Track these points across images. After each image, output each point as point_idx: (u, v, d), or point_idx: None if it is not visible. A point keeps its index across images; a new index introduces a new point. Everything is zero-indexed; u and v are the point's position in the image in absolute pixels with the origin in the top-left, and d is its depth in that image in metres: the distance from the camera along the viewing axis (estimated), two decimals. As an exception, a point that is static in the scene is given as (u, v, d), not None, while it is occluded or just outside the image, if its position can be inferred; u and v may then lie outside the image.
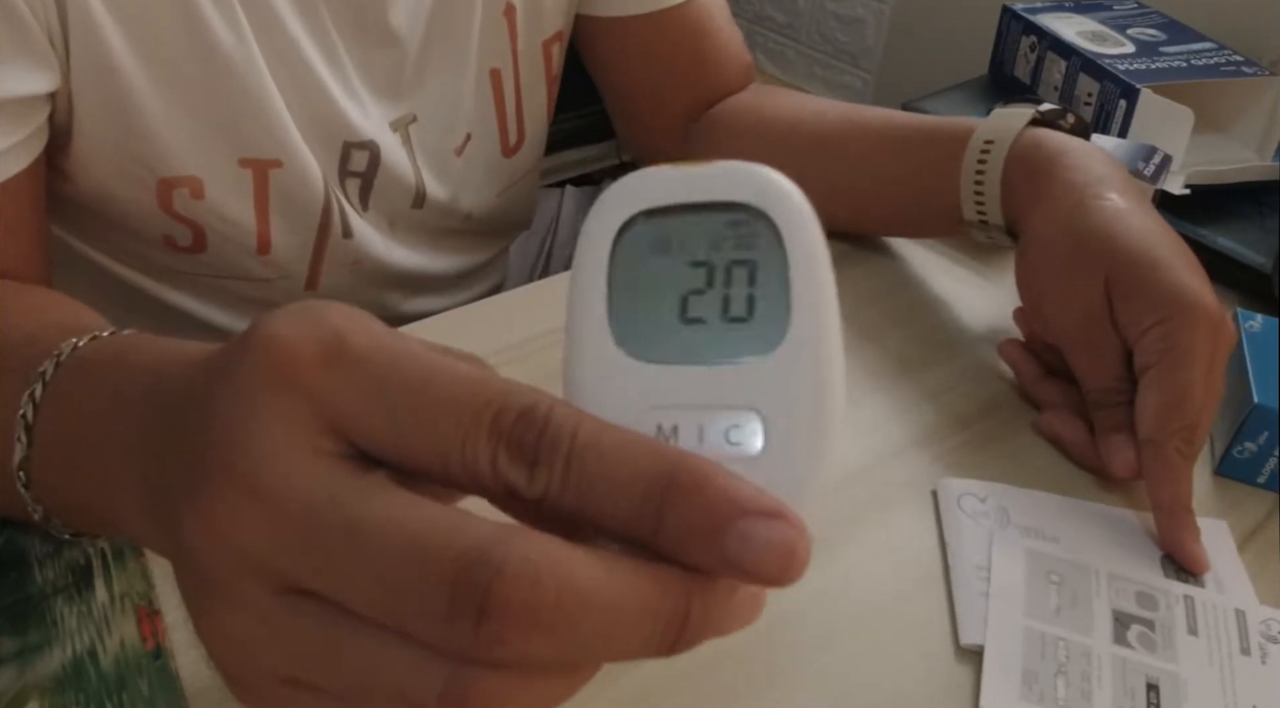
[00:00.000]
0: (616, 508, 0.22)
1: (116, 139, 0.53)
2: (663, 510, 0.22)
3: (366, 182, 0.63)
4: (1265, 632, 0.44)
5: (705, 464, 0.22)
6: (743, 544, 0.21)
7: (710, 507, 0.22)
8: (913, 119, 0.66)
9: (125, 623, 0.41)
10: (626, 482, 0.22)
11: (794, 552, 0.22)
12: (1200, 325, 0.48)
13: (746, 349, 0.25)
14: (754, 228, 0.26)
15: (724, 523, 0.22)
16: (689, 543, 0.22)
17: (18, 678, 0.39)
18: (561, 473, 0.22)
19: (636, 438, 0.23)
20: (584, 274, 0.26)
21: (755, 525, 0.22)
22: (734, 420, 0.25)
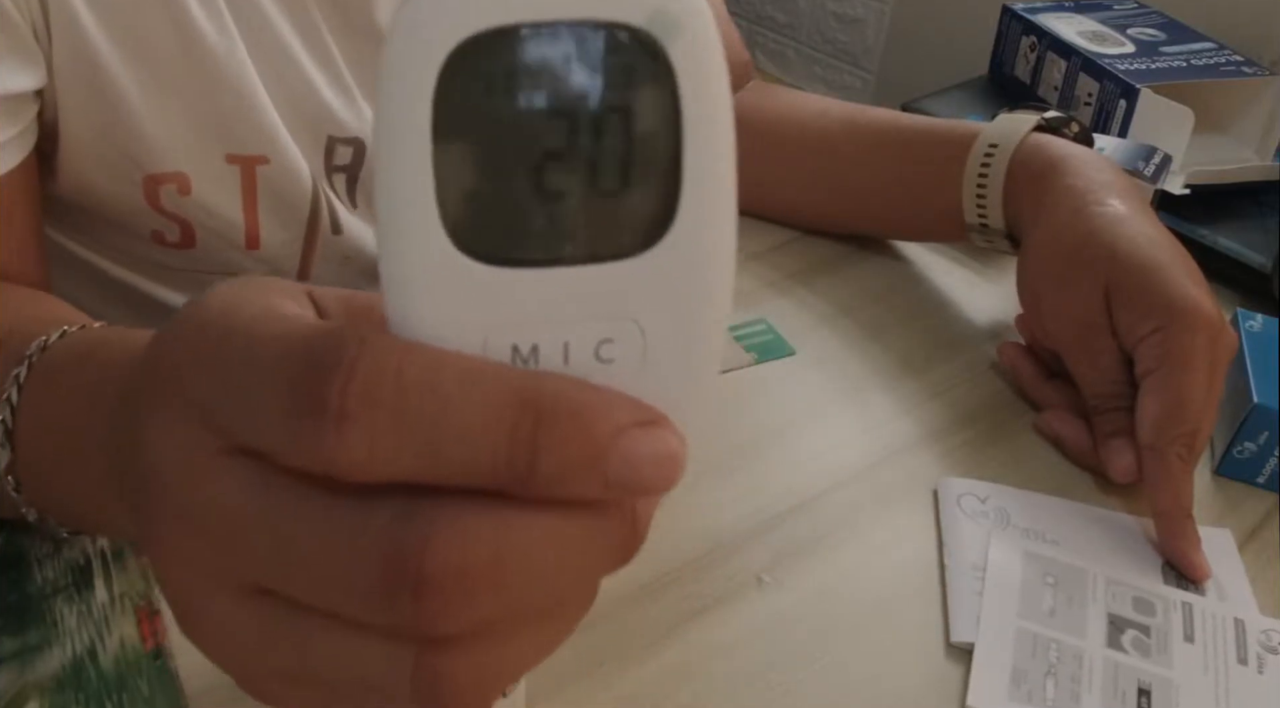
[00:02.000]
0: (475, 458, 0.19)
1: (102, 135, 0.53)
2: (535, 451, 0.19)
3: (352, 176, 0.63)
4: (1264, 642, 0.44)
5: (572, 385, 0.19)
6: (625, 466, 0.19)
7: (587, 434, 0.19)
8: (916, 121, 0.66)
9: (125, 623, 0.41)
10: (483, 425, 0.19)
11: (675, 460, 0.20)
12: (1199, 332, 0.48)
13: (621, 238, 0.19)
14: (637, 58, 0.18)
15: (604, 449, 0.19)
16: (569, 480, 0.19)
17: (18, 678, 0.39)
18: (389, 426, 0.19)
19: (486, 367, 0.19)
20: (397, 131, 0.18)
21: (636, 442, 0.19)
22: (605, 333, 0.20)
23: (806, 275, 0.66)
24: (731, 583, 0.46)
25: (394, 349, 0.19)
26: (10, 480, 0.35)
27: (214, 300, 0.23)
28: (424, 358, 0.19)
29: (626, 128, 0.19)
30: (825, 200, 0.69)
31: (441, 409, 0.19)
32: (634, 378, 0.20)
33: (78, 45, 0.50)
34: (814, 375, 0.58)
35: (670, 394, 0.20)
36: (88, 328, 0.36)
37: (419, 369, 0.19)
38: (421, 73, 0.18)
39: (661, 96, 0.18)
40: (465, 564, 0.19)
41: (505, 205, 0.19)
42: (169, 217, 0.58)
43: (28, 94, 0.50)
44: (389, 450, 0.19)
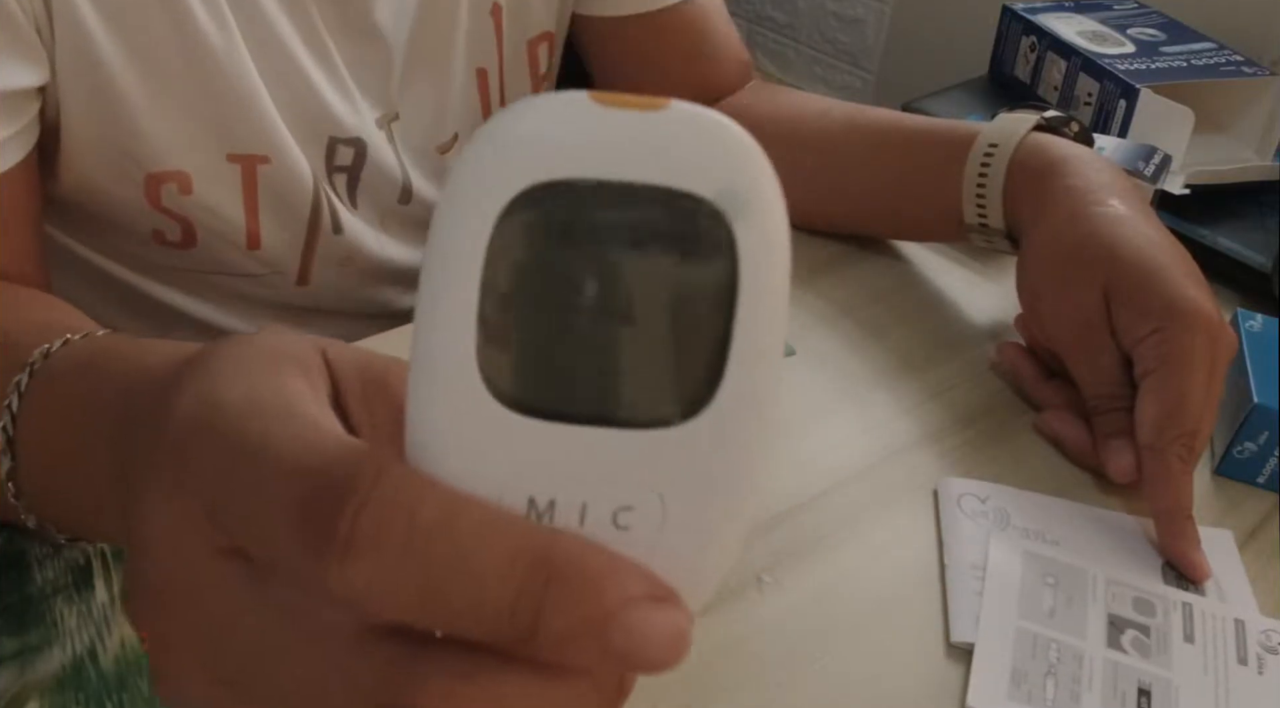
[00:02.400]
0: (480, 609, 0.18)
1: (103, 134, 0.53)
2: (541, 610, 0.18)
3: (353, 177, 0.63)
4: (1264, 643, 0.44)
5: (588, 549, 0.19)
6: (629, 639, 0.19)
7: (595, 600, 0.18)
8: (916, 121, 0.66)
9: (125, 623, 0.41)
10: (493, 575, 0.18)
11: (681, 640, 0.19)
12: (1198, 333, 0.48)
13: (658, 405, 0.19)
14: (701, 226, 0.18)
15: (610, 617, 0.18)
16: (570, 645, 0.19)
17: (18, 678, 0.39)
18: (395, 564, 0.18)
19: (502, 518, 0.19)
20: (448, 264, 0.18)
21: (642, 616, 0.19)
22: (626, 500, 0.19)
23: (806, 275, 0.66)
24: (731, 583, 0.45)
25: (411, 486, 0.19)
26: (10, 487, 0.35)
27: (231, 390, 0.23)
28: (440, 499, 0.19)
29: (678, 298, 0.18)
30: (825, 200, 0.69)
31: (452, 554, 0.18)
32: (648, 549, 0.20)
33: (80, 43, 0.50)
34: (814, 375, 0.58)
35: (682, 572, 0.20)
36: (90, 336, 0.36)
37: (434, 510, 0.19)
38: (479, 217, 0.18)
39: (719, 271, 0.18)
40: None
41: (545, 358, 0.18)
42: (170, 216, 0.58)
43: (30, 91, 0.50)
44: (392, 587, 0.18)
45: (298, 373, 0.24)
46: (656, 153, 0.18)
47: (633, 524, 0.19)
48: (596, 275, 0.18)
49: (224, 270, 0.62)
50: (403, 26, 0.61)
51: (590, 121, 0.18)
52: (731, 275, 0.18)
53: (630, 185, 0.18)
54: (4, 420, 0.35)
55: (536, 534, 0.19)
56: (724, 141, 0.18)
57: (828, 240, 0.69)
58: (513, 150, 0.18)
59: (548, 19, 0.69)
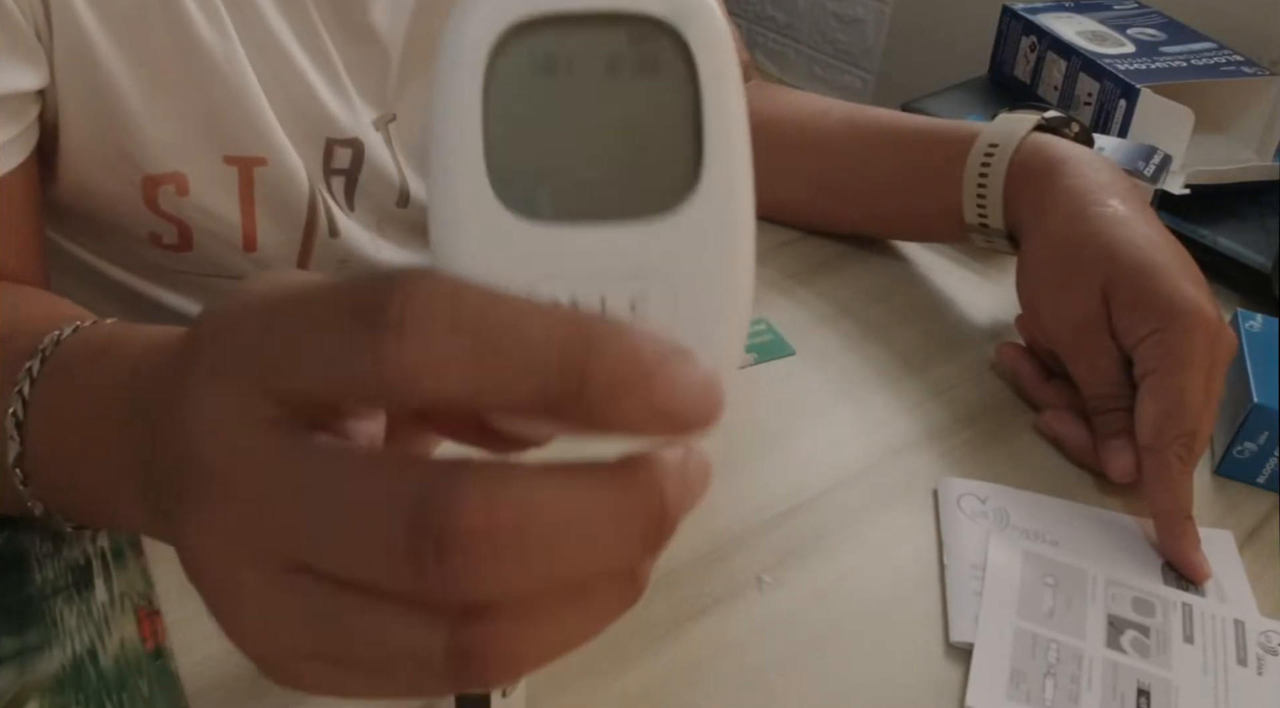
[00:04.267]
0: (527, 376, 0.19)
1: (101, 135, 0.53)
2: (585, 369, 0.19)
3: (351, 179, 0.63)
4: (1264, 643, 0.44)
5: (619, 322, 0.20)
6: (672, 390, 0.19)
7: (634, 355, 0.19)
8: (916, 121, 0.66)
9: (125, 623, 0.41)
10: (537, 341, 0.19)
11: (716, 391, 0.20)
12: (1197, 333, 0.48)
13: (651, 201, 0.21)
14: (659, 45, 0.21)
15: (652, 370, 0.19)
16: (619, 400, 0.19)
17: (18, 678, 0.39)
18: (445, 338, 0.19)
19: (539, 302, 0.20)
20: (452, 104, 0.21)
21: (681, 369, 0.20)
22: (639, 290, 0.21)
23: (806, 275, 0.66)
24: (731, 583, 0.46)
25: (451, 279, 0.20)
26: (18, 473, 0.35)
27: (253, 283, 0.24)
28: (481, 288, 0.20)
29: (653, 101, 0.21)
30: (825, 200, 0.69)
31: (496, 327, 0.20)
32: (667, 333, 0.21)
33: (78, 44, 0.50)
34: (814, 375, 0.58)
35: (701, 347, 0.21)
36: (100, 324, 0.36)
37: (476, 295, 0.20)
38: (474, 52, 0.20)
39: (682, 74, 0.21)
40: (489, 526, 0.19)
41: (546, 168, 0.21)
42: (167, 218, 0.58)
43: (30, 94, 0.50)
44: (444, 363, 0.19)
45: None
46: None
47: (649, 312, 0.22)
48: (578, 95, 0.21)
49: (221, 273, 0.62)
50: (399, 28, 0.61)
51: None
52: (692, 74, 0.21)
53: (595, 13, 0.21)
54: (14, 405, 0.35)
55: (570, 312, 0.20)
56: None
57: (828, 240, 0.69)
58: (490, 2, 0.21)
59: None
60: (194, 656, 0.40)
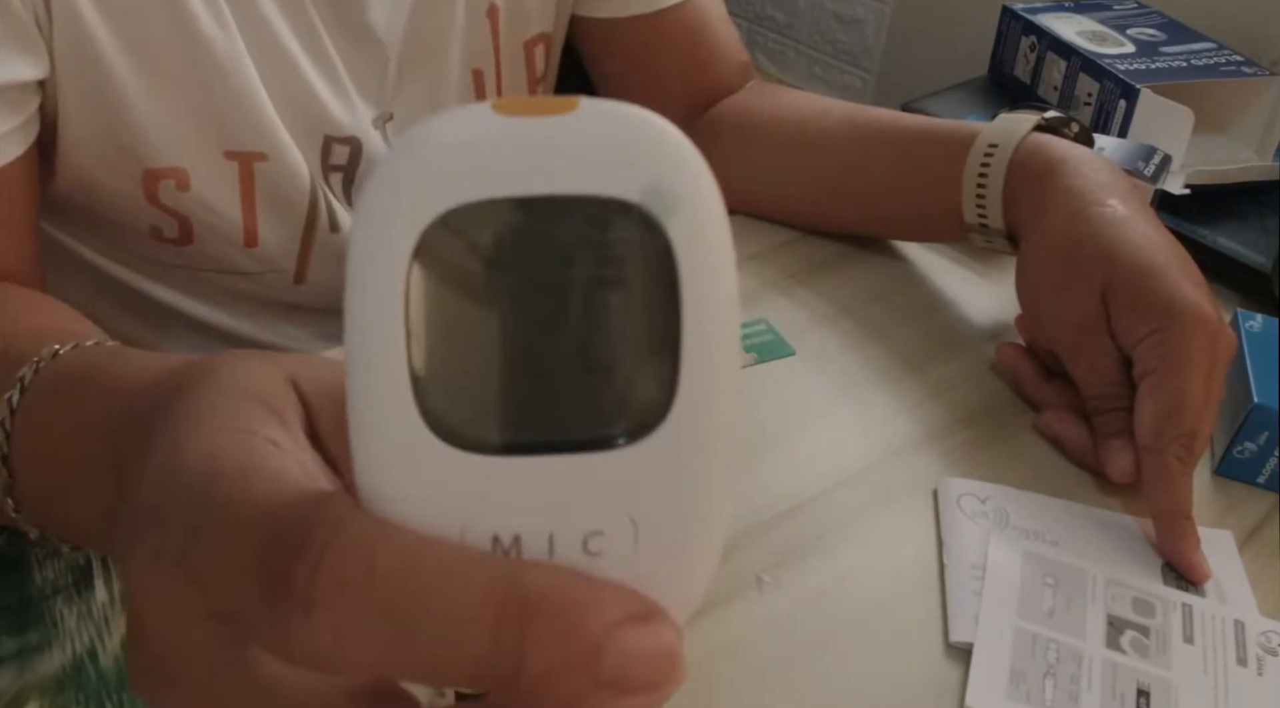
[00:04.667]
0: (456, 656, 0.17)
1: (101, 130, 0.53)
2: (523, 648, 0.17)
3: (349, 176, 0.63)
4: (1264, 644, 0.44)
5: (560, 576, 0.18)
6: (620, 664, 0.18)
7: (578, 630, 0.17)
8: (916, 121, 0.66)
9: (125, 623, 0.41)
10: (464, 619, 0.17)
11: (673, 658, 0.18)
12: (1197, 333, 0.48)
13: (613, 425, 0.18)
14: (631, 230, 0.17)
15: (597, 646, 0.17)
16: (559, 680, 0.17)
17: (18, 678, 0.39)
18: (359, 616, 0.17)
19: (466, 557, 0.18)
20: (366, 312, 0.17)
21: (629, 639, 0.18)
22: (595, 525, 0.18)
23: (806, 275, 0.66)
24: (731, 583, 0.46)
25: (368, 535, 0.18)
26: (9, 502, 0.35)
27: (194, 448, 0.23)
28: (401, 544, 0.18)
29: (620, 308, 0.17)
30: (825, 200, 0.69)
31: (418, 599, 0.17)
32: (623, 571, 0.18)
33: (78, 37, 0.50)
34: (814, 375, 0.58)
35: (662, 588, 0.19)
36: (79, 348, 0.36)
37: (394, 556, 0.18)
38: (392, 254, 0.16)
39: (658, 274, 0.17)
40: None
41: (485, 388, 0.17)
42: (167, 212, 0.58)
43: (30, 85, 0.50)
44: (360, 642, 0.18)
45: (265, 414, 0.24)
46: (571, 159, 0.16)
47: (605, 548, 0.18)
48: (526, 301, 0.17)
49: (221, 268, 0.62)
50: (397, 27, 0.61)
51: (496, 134, 0.16)
52: (671, 279, 0.17)
53: (548, 199, 0.16)
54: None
55: (505, 569, 0.18)
56: (642, 137, 0.17)
57: (828, 240, 0.69)
58: (420, 177, 0.16)
59: (545, 20, 0.68)
60: (194, 656, 0.40)
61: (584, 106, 0.17)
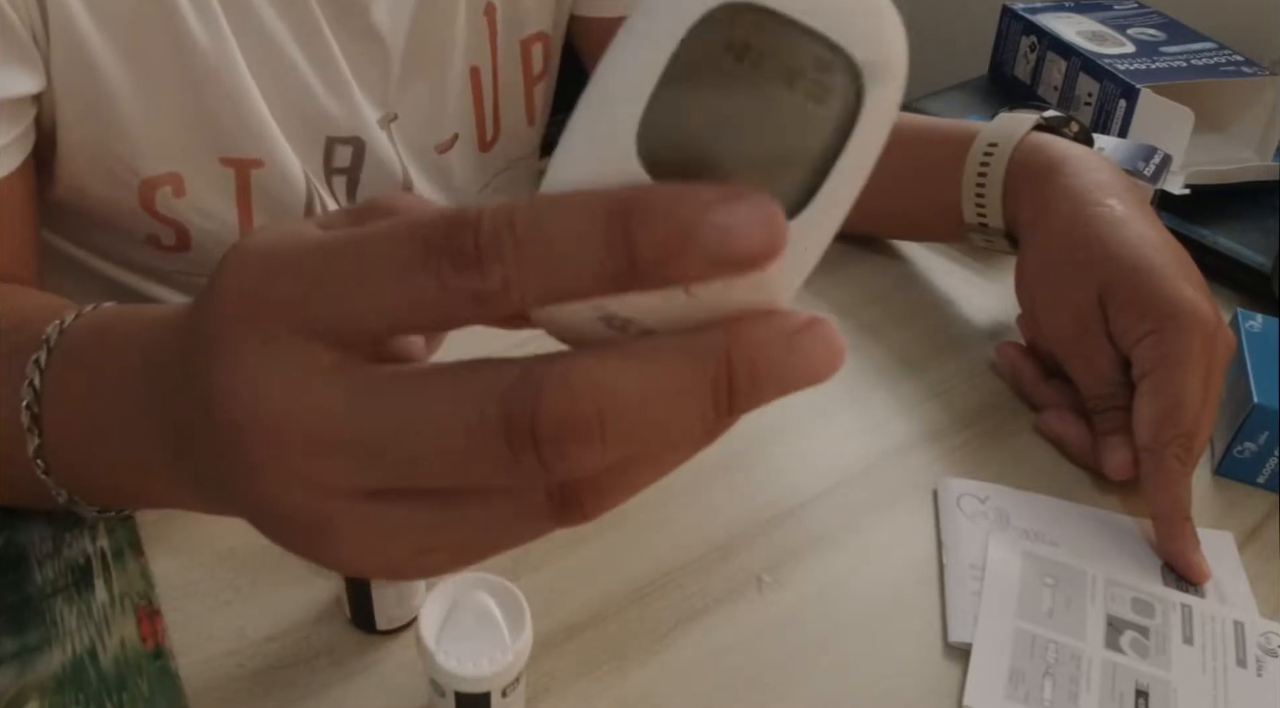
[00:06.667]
0: (586, 261, 0.21)
1: (98, 139, 0.53)
2: (632, 241, 0.20)
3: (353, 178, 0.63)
4: (1264, 645, 0.44)
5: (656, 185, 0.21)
6: (720, 234, 0.20)
7: (676, 213, 0.20)
8: (915, 120, 0.66)
9: (125, 623, 0.41)
10: (583, 232, 0.21)
11: (774, 223, 0.21)
12: (1195, 333, 0.48)
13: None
14: (837, 81, 0.21)
15: (695, 222, 0.20)
16: (669, 259, 0.20)
17: (18, 678, 0.39)
18: (514, 255, 0.21)
19: (576, 193, 0.21)
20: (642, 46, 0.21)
21: (725, 211, 0.20)
22: None
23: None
24: (731, 583, 0.46)
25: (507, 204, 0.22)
26: (40, 463, 0.35)
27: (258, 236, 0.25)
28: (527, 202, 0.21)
29: (802, 126, 0.21)
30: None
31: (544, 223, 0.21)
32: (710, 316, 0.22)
33: (74, 47, 0.50)
34: (814, 375, 0.58)
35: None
36: (99, 307, 0.36)
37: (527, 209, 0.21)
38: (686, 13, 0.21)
39: (841, 119, 0.21)
40: (574, 413, 0.21)
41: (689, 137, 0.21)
42: (164, 220, 0.58)
43: (27, 98, 0.50)
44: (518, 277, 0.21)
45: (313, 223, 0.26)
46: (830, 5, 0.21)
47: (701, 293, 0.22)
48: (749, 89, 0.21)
49: None
50: (400, 26, 0.61)
51: None
52: (849, 126, 0.21)
53: (799, 25, 0.21)
54: (28, 398, 0.35)
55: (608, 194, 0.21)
56: (885, 17, 0.21)
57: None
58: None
59: (542, 19, 0.68)
60: (194, 656, 0.40)
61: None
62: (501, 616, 0.36)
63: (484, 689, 0.36)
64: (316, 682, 0.40)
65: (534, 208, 0.21)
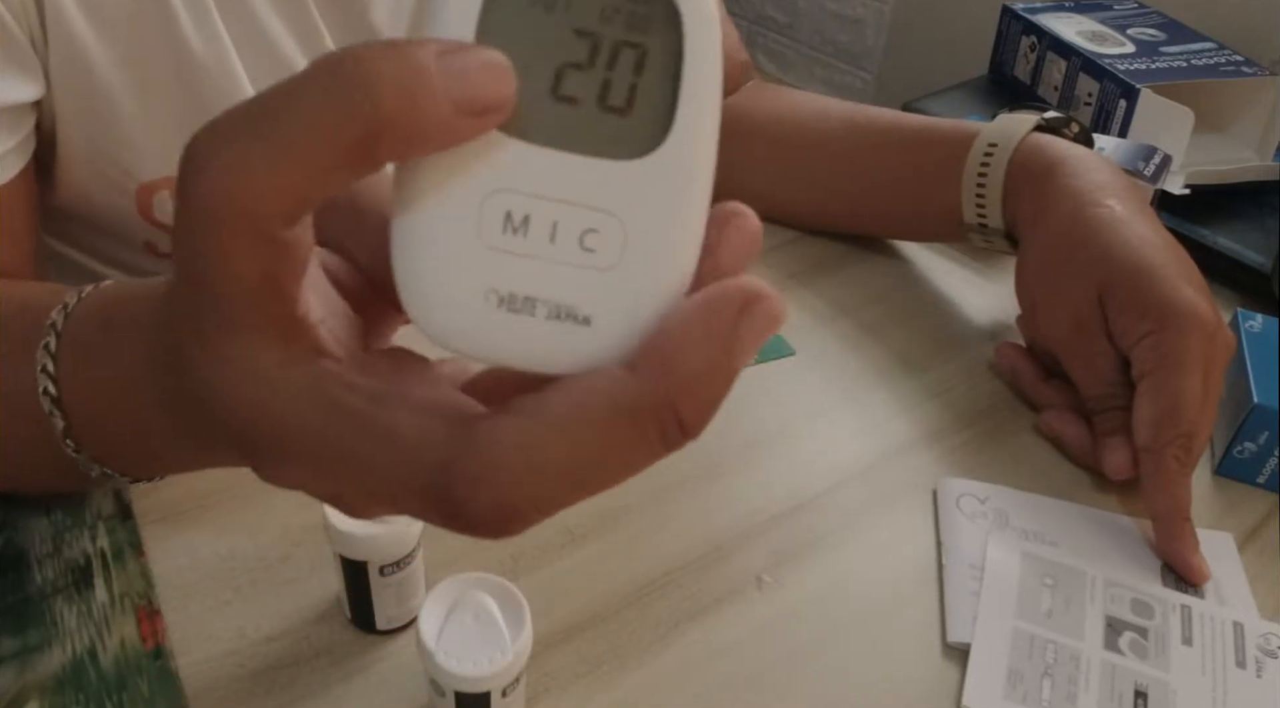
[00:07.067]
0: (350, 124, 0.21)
1: (96, 143, 0.53)
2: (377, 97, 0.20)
3: None
4: (1263, 646, 0.44)
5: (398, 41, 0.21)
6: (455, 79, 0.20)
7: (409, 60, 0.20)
8: (916, 120, 0.66)
9: (125, 623, 0.41)
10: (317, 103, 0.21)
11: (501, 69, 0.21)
12: (1194, 334, 0.48)
13: (618, 146, 0.22)
14: (653, 6, 0.22)
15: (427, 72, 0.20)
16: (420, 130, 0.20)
17: (18, 678, 0.39)
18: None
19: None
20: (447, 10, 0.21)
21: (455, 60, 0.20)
22: (592, 223, 0.22)
23: (806, 275, 0.66)
24: (731, 583, 0.46)
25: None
26: (70, 443, 0.36)
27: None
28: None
29: (637, 54, 0.22)
30: (825, 200, 0.69)
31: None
32: (610, 269, 0.22)
33: (72, 53, 0.50)
34: (814, 375, 0.58)
35: (641, 291, 0.22)
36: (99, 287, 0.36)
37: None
38: None
39: (670, 38, 0.22)
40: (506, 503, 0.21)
41: (527, 89, 0.21)
42: (161, 227, 0.58)
43: (27, 105, 0.50)
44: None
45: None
46: None
47: (597, 247, 0.22)
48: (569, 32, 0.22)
49: None
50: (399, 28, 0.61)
51: None
52: (677, 36, 0.22)
53: None
54: (44, 383, 0.35)
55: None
56: None
57: (828, 240, 0.69)
58: None
59: None
60: (194, 656, 0.40)
61: None
62: (501, 616, 0.36)
63: (484, 689, 0.36)
64: (316, 682, 0.40)
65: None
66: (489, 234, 0.22)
